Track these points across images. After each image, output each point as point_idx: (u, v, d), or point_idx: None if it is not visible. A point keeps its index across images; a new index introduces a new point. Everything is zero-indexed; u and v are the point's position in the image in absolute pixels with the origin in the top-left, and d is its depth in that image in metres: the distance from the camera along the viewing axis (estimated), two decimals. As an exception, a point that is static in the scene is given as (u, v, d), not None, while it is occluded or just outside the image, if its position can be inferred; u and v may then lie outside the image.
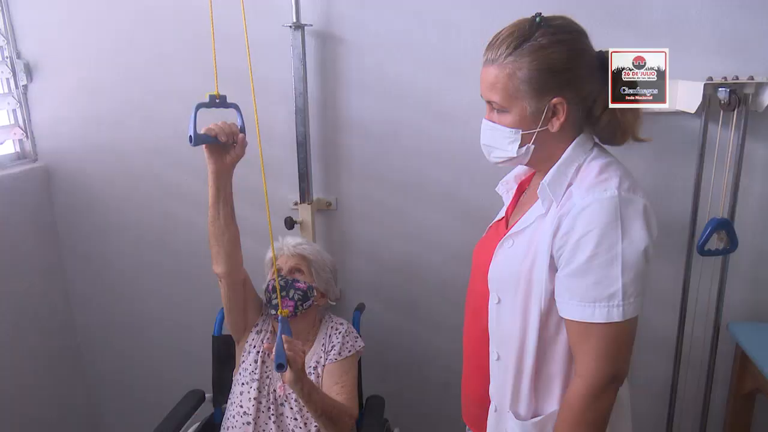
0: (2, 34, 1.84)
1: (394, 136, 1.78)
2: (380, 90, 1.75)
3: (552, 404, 1.07)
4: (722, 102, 1.53)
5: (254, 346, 1.54)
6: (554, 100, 0.97)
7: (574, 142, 1.02)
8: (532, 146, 1.02)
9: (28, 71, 1.88)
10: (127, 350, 2.11)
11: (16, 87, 1.88)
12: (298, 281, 1.52)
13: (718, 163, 1.63)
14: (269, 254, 1.59)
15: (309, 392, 1.31)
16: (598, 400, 0.98)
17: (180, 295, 2.02)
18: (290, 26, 1.66)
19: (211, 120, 1.31)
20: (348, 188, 1.85)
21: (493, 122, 1.04)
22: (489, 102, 1.03)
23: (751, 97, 1.54)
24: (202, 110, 1.25)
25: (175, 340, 2.08)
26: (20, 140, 1.94)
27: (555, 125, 1.00)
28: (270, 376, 1.52)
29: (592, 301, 0.95)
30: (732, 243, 1.62)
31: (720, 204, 1.64)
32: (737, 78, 1.55)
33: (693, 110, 1.53)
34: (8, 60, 1.86)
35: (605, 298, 0.94)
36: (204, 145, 1.28)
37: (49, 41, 1.86)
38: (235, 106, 1.31)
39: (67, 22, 1.84)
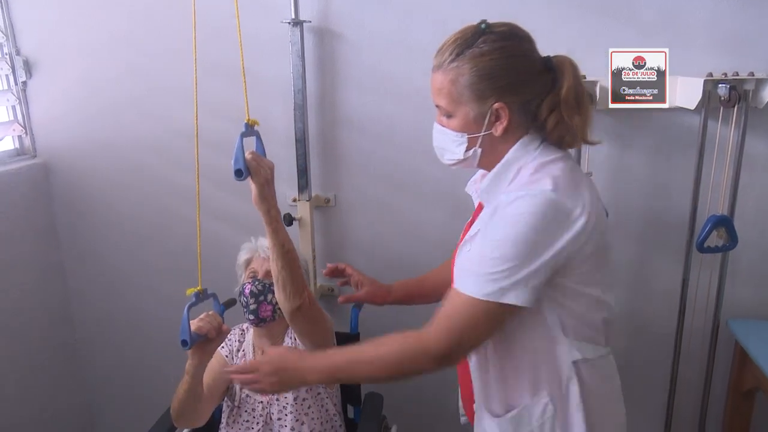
0: (2, 31, 1.84)
1: (392, 133, 1.78)
2: (379, 87, 1.74)
3: (524, 396, 1.07)
4: (722, 98, 1.52)
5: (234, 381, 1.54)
6: (496, 105, 0.99)
7: (516, 144, 1.03)
8: (479, 149, 1.05)
9: (28, 68, 1.88)
10: (124, 346, 2.11)
11: (16, 83, 1.88)
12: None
13: (717, 160, 1.62)
14: (243, 256, 1.55)
15: (276, 218, 1.23)
16: (417, 359, 1.00)
17: (178, 291, 2.00)
18: (289, 23, 1.66)
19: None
20: (346, 185, 1.85)
21: (442, 126, 1.07)
22: (437, 106, 1.06)
23: (751, 93, 1.53)
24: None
25: (172, 337, 2.06)
26: (19, 136, 1.94)
27: (498, 129, 1.02)
28: (248, 394, 1.50)
29: (462, 270, 1.00)
30: (732, 240, 1.61)
31: (720, 201, 1.63)
32: (737, 74, 1.54)
33: (692, 107, 1.53)
34: (8, 56, 1.86)
35: (473, 271, 0.97)
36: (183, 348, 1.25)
37: (49, 38, 1.87)
38: (215, 296, 1.30)
39: (65, 19, 1.85)
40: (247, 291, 1.44)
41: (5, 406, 1.84)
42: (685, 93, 1.55)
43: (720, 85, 1.51)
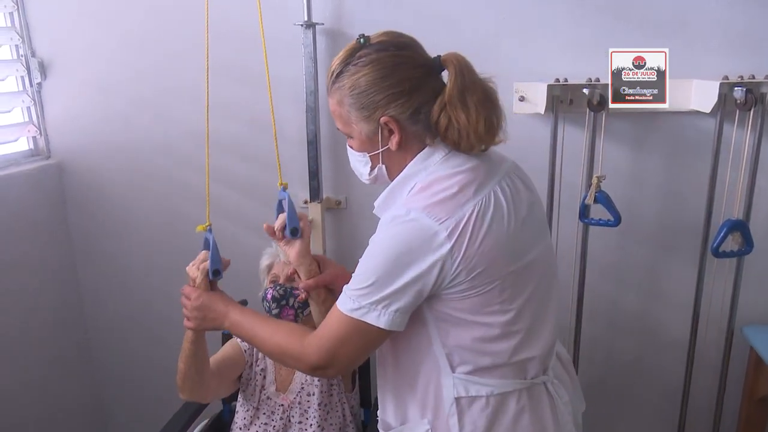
0: (17, 32, 1.86)
1: (404, 135, 1.77)
2: (391, 89, 1.74)
3: (414, 414, 1.05)
4: (738, 101, 1.51)
5: (251, 378, 1.53)
6: (382, 120, 0.96)
7: (414, 159, 0.99)
8: (383, 166, 1.02)
9: (42, 69, 1.89)
10: (136, 347, 2.12)
11: (31, 85, 1.90)
12: (296, 289, 1.50)
13: (733, 164, 1.60)
14: (264, 261, 1.56)
15: (316, 272, 1.26)
16: (295, 360, 1.01)
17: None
18: (301, 25, 1.67)
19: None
20: (357, 187, 1.85)
21: (349, 147, 1.05)
22: (338, 129, 1.04)
23: (767, 96, 1.51)
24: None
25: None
26: (34, 137, 1.95)
27: (393, 143, 0.98)
28: (269, 396, 1.51)
29: (344, 290, 0.97)
30: (747, 245, 1.59)
31: (735, 205, 1.61)
32: (753, 77, 1.52)
33: (708, 110, 1.52)
34: (23, 58, 1.87)
35: (350, 291, 0.95)
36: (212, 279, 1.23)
37: (63, 40, 1.88)
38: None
39: (80, 21, 1.86)
40: (269, 296, 1.45)
41: (18, 405, 1.85)
42: (700, 96, 1.54)
43: (736, 88, 1.49)
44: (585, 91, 1.55)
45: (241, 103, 1.79)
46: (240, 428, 1.52)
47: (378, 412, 1.14)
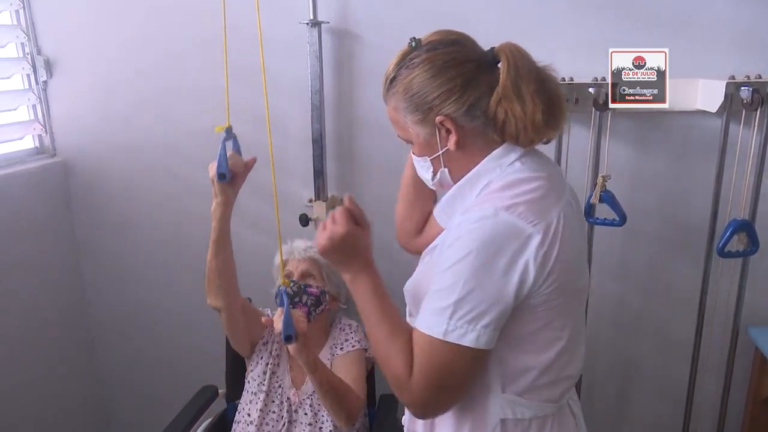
0: (23, 31, 1.86)
1: (409, 134, 1.77)
2: (396, 87, 1.74)
3: (447, 429, 0.98)
4: (744, 101, 1.50)
5: (262, 357, 1.54)
6: (437, 120, 0.92)
7: (488, 157, 0.94)
8: (445, 169, 0.98)
9: (48, 67, 1.90)
10: (140, 346, 2.13)
11: (36, 83, 1.90)
12: (310, 286, 1.50)
13: (739, 164, 1.60)
14: (278, 259, 1.57)
15: (315, 363, 1.31)
16: (397, 386, 0.90)
17: (194, 290, 2.01)
18: (307, 23, 1.67)
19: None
20: (362, 186, 1.85)
21: (413, 154, 1.02)
22: (399, 137, 1.01)
23: (774, 96, 1.51)
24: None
25: (188, 336, 2.08)
26: (39, 135, 1.96)
27: (452, 143, 0.93)
28: (282, 386, 1.51)
29: (426, 310, 0.88)
30: (753, 245, 1.59)
31: (741, 205, 1.61)
32: (760, 77, 1.52)
33: (714, 110, 1.51)
34: (29, 56, 1.88)
35: (436, 310, 0.86)
36: (218, 182, 1.29)
37: (69, 38, 1.89)
38: (235, 138, 1.35)
39: (85, 19, 1.86)
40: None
41: (20, 404, 1.85)
42: (706, 96, 1.53)
43: (742, 88, 1.48)
44: (591, 90, 1.55)
45: (242, 102, 1.78)
46: (248, 413, 1.51)
47: (403, 419, 1.10)
